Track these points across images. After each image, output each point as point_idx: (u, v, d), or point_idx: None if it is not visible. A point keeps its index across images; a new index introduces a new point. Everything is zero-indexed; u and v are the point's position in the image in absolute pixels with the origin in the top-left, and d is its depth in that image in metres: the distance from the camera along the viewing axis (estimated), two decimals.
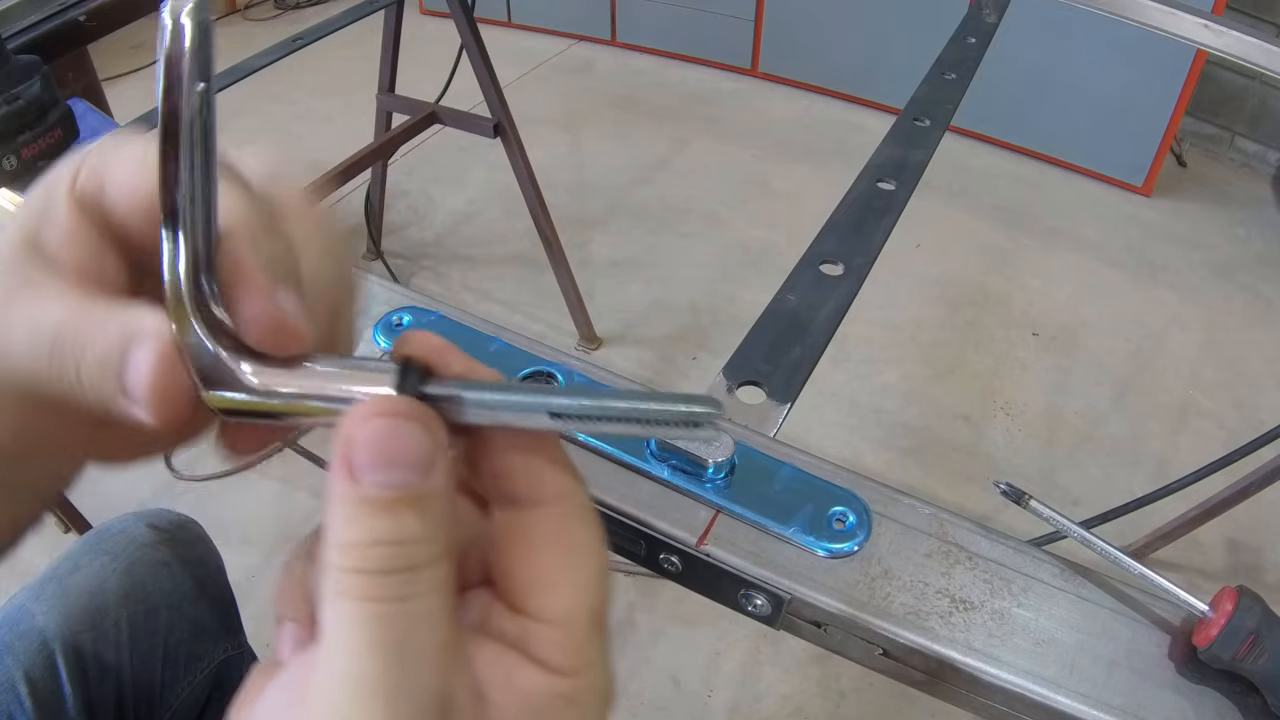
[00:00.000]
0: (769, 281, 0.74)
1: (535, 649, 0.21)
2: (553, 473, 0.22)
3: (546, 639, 0.21)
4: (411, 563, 0.19)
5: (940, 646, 0.31)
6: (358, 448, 0.19)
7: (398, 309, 0.43)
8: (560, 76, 2.59)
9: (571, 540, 0.22)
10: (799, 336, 0.47)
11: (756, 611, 0.34)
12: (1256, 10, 1.97)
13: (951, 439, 1.51)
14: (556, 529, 0.22)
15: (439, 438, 0.20)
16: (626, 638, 1.21)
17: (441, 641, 0.19)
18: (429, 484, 0.19)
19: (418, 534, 0.19)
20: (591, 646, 0.21)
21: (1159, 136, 2.00)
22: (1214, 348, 1.71)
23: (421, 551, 0.19)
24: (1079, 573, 0.33)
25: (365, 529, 0.19)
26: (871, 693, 1.16)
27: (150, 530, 0.66)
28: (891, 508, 0.35)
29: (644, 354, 1.66)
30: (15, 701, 0.54)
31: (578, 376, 0.40)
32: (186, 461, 1.45)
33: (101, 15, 0.75)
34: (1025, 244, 1.96)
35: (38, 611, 0.58)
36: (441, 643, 0.19)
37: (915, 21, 2.13)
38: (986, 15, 0.90)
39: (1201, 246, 1.98)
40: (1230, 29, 0.85)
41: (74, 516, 1.26)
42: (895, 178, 0.61)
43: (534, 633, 0.21)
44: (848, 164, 1.24)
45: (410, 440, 0.19)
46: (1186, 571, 1.32)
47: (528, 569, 0.21)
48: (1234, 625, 0.29)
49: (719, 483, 0.35)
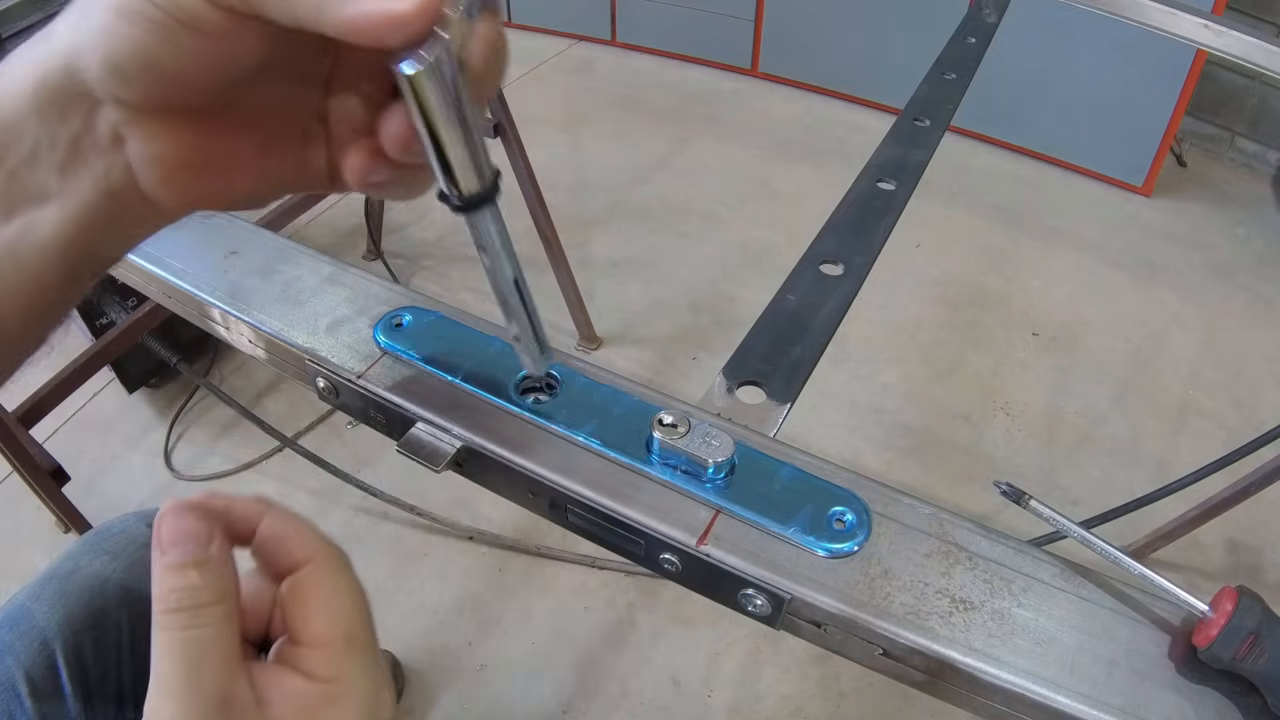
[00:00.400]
0: (769, 281, 0.74)
1: (302, 664, 0.29)
2: (300, 542, 0.31)
3: (309, 655, 0.30)
4: (196, 602, 0.28)
5: (940, 646, 0.31)
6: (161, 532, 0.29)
7: (398, 309, 0.43)
8: (560, 76, 2.59)
9: (324, 584, 0.31)
10: (799, 336, 0.47)
11: (756, 611, 0.34)
12: (1256, 10, 1.97)
13: (951, 439, 1.51)
14: (313, 578, 0.31)
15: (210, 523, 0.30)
16: (626, 638, 1.21)
17: (224, 656, 0.28)
18: (207, 553, 0.29)
19: (198, 584, 0.28)
20: (348, 660, 0.30)
21: (1159, 136, 2.00)
22: (1214, 348, 1.71)
23: (203, 595, 0.28)
24: (1079, 573, 0.33)
25: (167, 582, 0.28)
26: (871, 693, 1.16)
27: (150, 530, 0.66)
28: (891, 508, 0.35)
29: (644, 354, 1.66)
30: (15, 701, 0.54)
31: (579, 378, 0.40)
32: (187, 461, 1.45)
33: None
34: (1025, 244, 1.96)
35: (38, 611, 0.58)
36: (224, 657, 0.28)
37: (915, 21, 2.13)
38: (986, 15, 0.90)
39: (1201, 246, 1.98)
40: (1230, 29, 0.85)
41: (74, 516, 1.26)
42: (895, 178, 0.61)
43: (301, 653, 0.30)
44: (848, 164, 1.24)
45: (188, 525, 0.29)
46: (1186, 571, 1.32)
47: (296, 609, 0.30)
48: (1234, 625, 0.29)
49: (719, 483, 0.35)
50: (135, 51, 0.25)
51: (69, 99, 0.27)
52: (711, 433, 0.36)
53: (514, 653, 1.19)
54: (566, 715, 1.13)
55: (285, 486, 1.40)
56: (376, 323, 0.42)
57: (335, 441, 1.47)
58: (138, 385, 1.53)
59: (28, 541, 1.31)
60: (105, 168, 0.28)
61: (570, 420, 0.37)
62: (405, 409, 0.38)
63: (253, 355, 0.45)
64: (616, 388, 0.39)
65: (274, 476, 1.42)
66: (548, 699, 1.15)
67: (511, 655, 1.19)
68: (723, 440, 0.35)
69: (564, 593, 1.27)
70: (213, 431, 1.50)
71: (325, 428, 1.50)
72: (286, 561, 0.31)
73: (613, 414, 0.38)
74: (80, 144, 0.27)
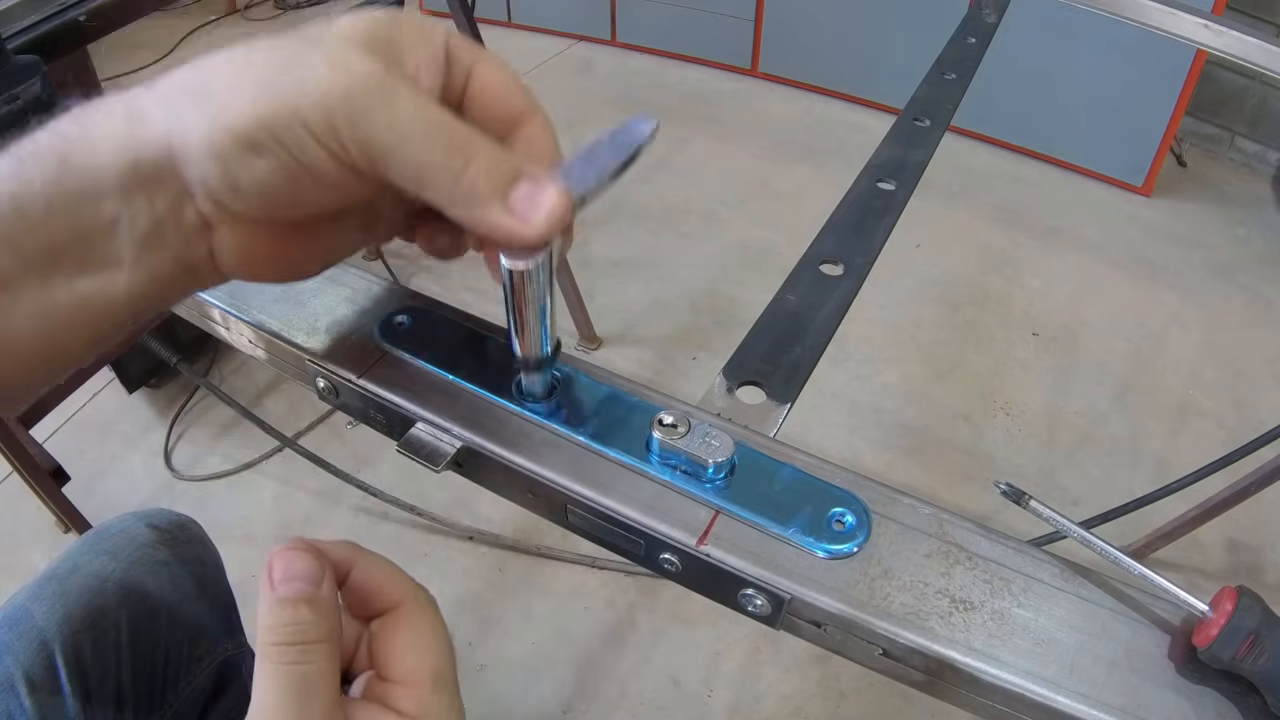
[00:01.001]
0: (769, 281, 0.74)
1: (392, 700, 0.31)
2: (393, 586, 0.33)
3: (399, 694, 0.31)
4: (305, 638, 0.30)
5: (940, 647, 0.31)
6: (274, 569, 0.31)
7: (398, 309, 0.43)
8: (560, 76, 2.59)
9: (414, 625, 0.33)
10: (799, 336, 0.47)
11: (756, 612, 0.34)
12: (1256, 10, 1.97)
13: (951, 439, 1.51)
14: (403, 619, 0.33)
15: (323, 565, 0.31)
16: (626, 638, 1.21)
17: (328, 690, 0.30)
18: (317, 591, 0.31)
19: (309, 620, 0.30)
20: (435, 697, 0.31)
21: (1159, 136, 2.00)
22: (1214, 348, 1.71)
23: (312, 632, 0.30)
24: (1079, 573, 0.33)
25: (279, 616, 0.30)
26: (871, 693, 1.16)
27: (150, 530, 0.66)
28: (891, 508, 0.35)
29: (644, 354, 1.66)
30: (15, 702, 0.54)
31: (581, 377, 0.40)
32: (187, 461, 1.45)
33: (101, 15, 0.75)
34: (1025, 244, 1.96)
35: (37, 612, 0.58)
36: (328, 690, 0.30)
37: (915, 21, 2.13)
38: (986, 15, 0.90)
39: (1201, 246, 1.98)
40: (1230, 29, 0.85)
41: (74, 516, 1.26)
42: (895, 178, 0.61)
43: (391, 690, 0.31)
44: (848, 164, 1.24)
45: (303, 565, 0.31)
46: (1186, 571, 1.32)
47: (386, 648, 0.32)
48: (1234, 625, 0.29)
49: (719, 483, 0.35)
50: (254, 181, 0.26)
51: (161, 186, 0.27)
52: (711, 433, 0.36)
53: (514, 653, 1.19)
54: (566, 715, 1.13)
55: (285, 486, 1.40)
56: (376, 323, 0.42)
57: (335, 441, 1.47)
58: (138, 385, 1.53)
59: (28, 541, 1.31)
60: (186, 248, 0.29)
61: (570, 420, 0.37)
62: (405, 409, 0.38)
63: (253, 355, 0.45)
64: (616, 388, 0.39)
65: (274, 476, 1.42)
66: (548, 699, 1.15)
67: (511, 655, 1.19)
68: (723, 440, 0.35)
69: (564, 593, 1.27)
70: (213, 431, 1.50)
71: (325, 428, 1.50)
72: (379, 605, 0.33)
73: (613, 414, 0.38)
74: (164, 225, 0.28)
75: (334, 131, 0.25)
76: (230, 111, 0.25)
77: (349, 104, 0.25)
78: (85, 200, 0.27)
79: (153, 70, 2.65)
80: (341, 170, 0.26)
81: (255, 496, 1.39)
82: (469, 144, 0.27)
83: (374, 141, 0.26)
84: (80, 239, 0.27)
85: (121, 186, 0.27)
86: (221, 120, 0.25)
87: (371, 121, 0.25)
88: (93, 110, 0.27)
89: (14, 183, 0.26)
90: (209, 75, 0.26)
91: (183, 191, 0.27)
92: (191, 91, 0.26)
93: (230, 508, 1.37)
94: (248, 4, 3.07)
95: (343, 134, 0.25)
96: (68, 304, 0.28)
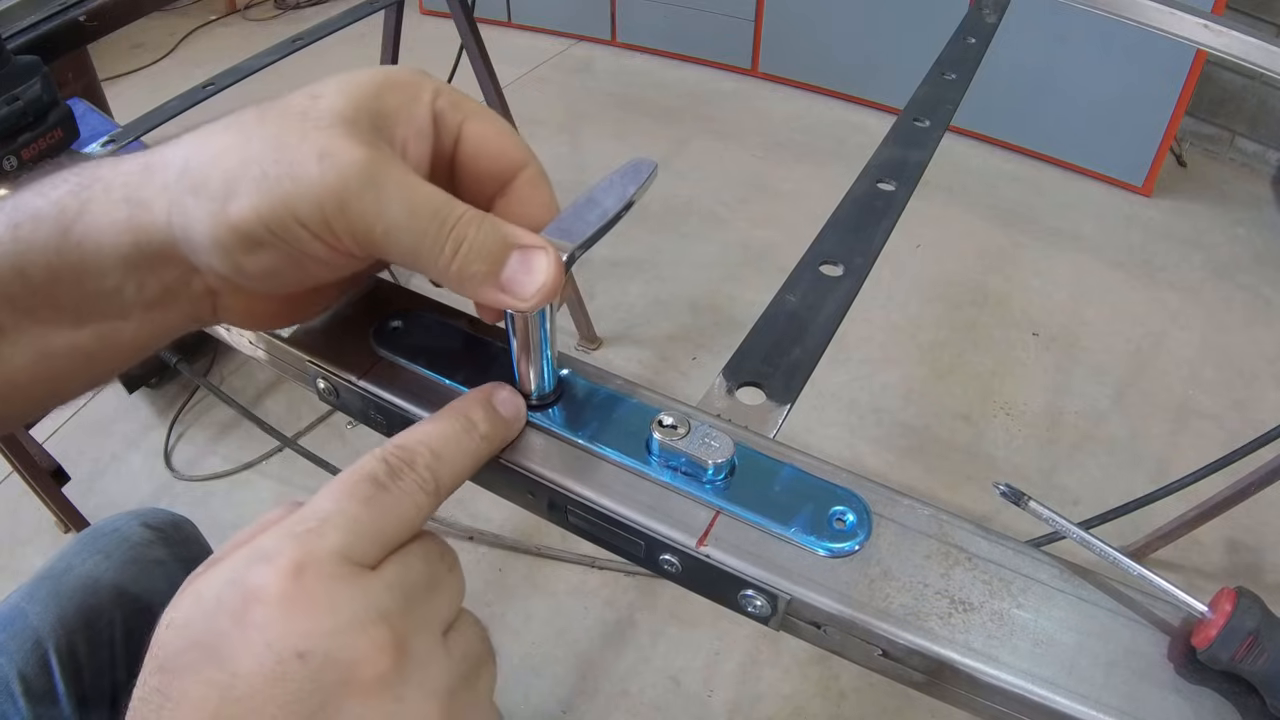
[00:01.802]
0: (769, 281, 0.75)
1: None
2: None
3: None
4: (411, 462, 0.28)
5: (939, 647, 0.31)
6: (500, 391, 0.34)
7: (398, 310, 0.43)
8: (560, 76, 2.59)
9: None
10: (799, 337, 0.47)
11: (756, 612, 0.34)
12: (1256, 10, 1.97)
13: (951, 439, 1.51)
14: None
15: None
16: (626, 638, 1.21)
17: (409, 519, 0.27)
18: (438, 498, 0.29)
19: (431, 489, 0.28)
20: None
21: (1159, 136, 2.00)
22: (1214, 348, 1.71)
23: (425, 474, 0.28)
24: (1078, 573, 0.33)
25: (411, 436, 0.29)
26: (871, 693, 1.16)
27: (145, 529, 0.66)
28: (891, 508, 0.35)
29: (644, 354, 1.66)
30: (9, 701, 0.54)
31: (579, 379, 0.40)
32: (187, 461, 1.45)
33: (101, 15, 0.75)
34: (1025, 244, 1.96)
35: (32, 611, 0.58)
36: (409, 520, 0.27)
37: (915, 21, 2.13)
38: (986, 15, 0.89)
39: (1201, 246, 1.98)
40: (1230, 29, 0.85)
41: (74, 516, 1.26)
42: (895, 178, 0.61)
43: None
44: (848, 164, 1.24)
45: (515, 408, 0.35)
46: (1186, 572, 1.32)
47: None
48: (1233, 626, 0.29)
49: (719, 484, 0.35)
50: (258, 268, 0.28)
51: (167, 264, 0.29)
52: (711, 434, 0.36)
53: (514, 653, 1.19)
54: (566, 715, 1.13)
55: (285, 486, 1.41)
56: (376, 324, 0.42)
57: (335, 441, 1.47)
58: (138, 385, 1.53)
59: (28, 541, 1.31)
60: (194, 308, 0.31)
61: (570, 421, 0.37)
62: (405, 410, 0.38)
63: (253, 356, 0.45)
64: (616, 389, 0.39)
65: (274, 476, 1.42)
66: (547, 699, 1.15)
67: (511, 655, 1.19)
68: (723, 441, 0.35)
69: (564, 593, 1.27)
70: (213, 431, 1.50)
71: (325, 428, 1.50)
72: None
73: (612, 415, 0.38)
74: (170, 291, 0.30)
75: (328, 227, 0.27)
76: (231, 210, 0.26)
77: (340, 201, 0.26)
78: (89, 272, 0.28)
79: (153, 70, 2.65)
80: (339, 255, 0.28)
81: (255, 496, 1.39)
82: (460, 226, 0.28)
83: (367, 233, 0.27)
84: (86, 300, 0.29)
85: (125, 264, 0.28)
86: (224, 218, 0.26)
87: (363, 214, 0.27)
88: (90, 182, 0.28)
89: (14, 243, 0.27)
90: (206, 165, 0.27)
91: (189, 268, 0.29)
92: (191, 183, 0.27)
93: (230, 508, 1.37)
94: (248, 4, 3.07)
95: (336, 228, 0.27)
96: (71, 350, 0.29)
